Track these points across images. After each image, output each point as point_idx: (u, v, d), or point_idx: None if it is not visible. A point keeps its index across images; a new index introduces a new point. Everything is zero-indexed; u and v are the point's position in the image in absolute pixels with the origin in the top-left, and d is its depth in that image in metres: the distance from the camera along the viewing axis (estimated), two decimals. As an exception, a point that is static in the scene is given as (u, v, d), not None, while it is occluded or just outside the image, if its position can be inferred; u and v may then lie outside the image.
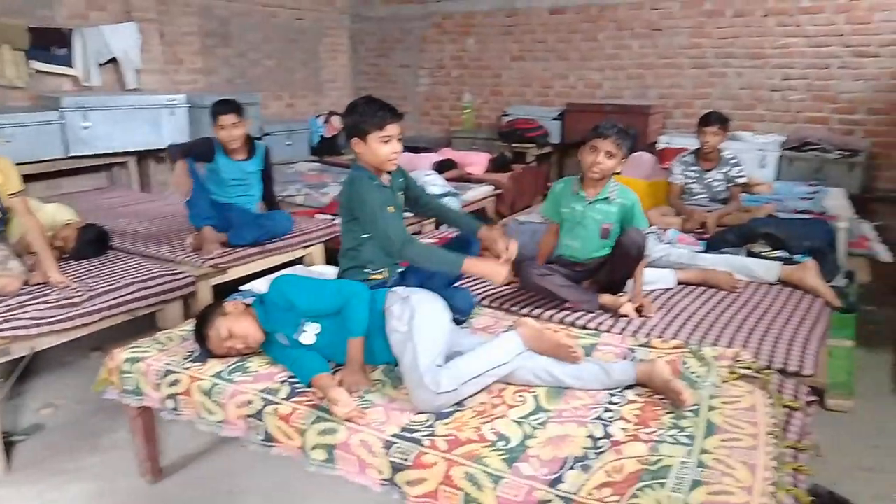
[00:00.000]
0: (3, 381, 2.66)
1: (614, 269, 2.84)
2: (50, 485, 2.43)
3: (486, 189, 5.51)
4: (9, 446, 2.59)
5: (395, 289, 2.26)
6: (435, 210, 2.72)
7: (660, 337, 2.51)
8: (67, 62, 5.27)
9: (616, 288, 2.88)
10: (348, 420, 1.87)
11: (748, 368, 2.19)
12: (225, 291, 2.97)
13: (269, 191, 3.80)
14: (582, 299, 2.80)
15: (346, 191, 2.41)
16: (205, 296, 3.27)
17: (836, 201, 4.55)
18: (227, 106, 3.39)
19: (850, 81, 5.58)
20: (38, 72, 5.11)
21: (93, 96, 5.09)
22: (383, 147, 2.31)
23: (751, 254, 3.42)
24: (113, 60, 5.55)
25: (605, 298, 2.81)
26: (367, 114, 2.30)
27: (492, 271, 2.32)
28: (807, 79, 5.75)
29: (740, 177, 4.18)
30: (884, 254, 3.70)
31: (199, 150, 3.45)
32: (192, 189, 3.37)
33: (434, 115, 7.77)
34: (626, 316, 2.71)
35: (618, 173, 2.84)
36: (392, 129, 2.31)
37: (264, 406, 1.98)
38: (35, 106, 5.00)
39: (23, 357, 2.56)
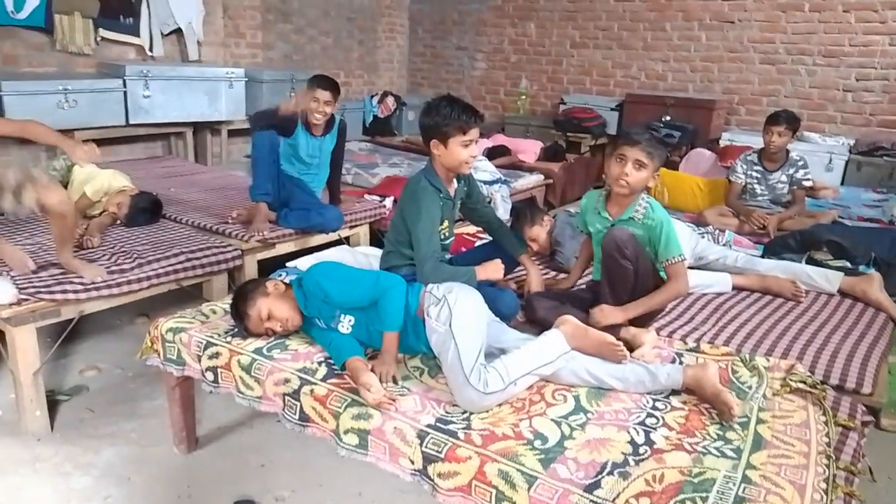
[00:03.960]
0: (51, 342, 2.72)
1: (607, 279, 2.41)
2: (86, 447, 2.48)
3: (536, 178, 5.42)
4: (53, 405, 2.66)
5: (429, 287, 2.18)
6: (486, 223, 2.74)
7: (710, 343, 2.41)
8: (134, 31, 5.35)
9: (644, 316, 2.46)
10: (377, 406, 1.85)
11: (802, 382, 2.09)
12: (270, 266, 2.99)
13: (335, 175, 3.80)
14: None
15: (408, 194, 2.41)
16: (250, 270, 3.29)
17: (906, 210, 4.32)
18: (327, 82, 3.44)
19: (933, 84, 5.29)
20: (105, 39, 5.20)
21: (155, 66, 5.16)
22: (463, 151, 2.28)
23: (811, 261, 3.27)
24: (176, 31, 5.63)
25: (628, 333, 2.37)
26: (450, 116, 2.24)
27: (492, 270, 2.43)
28: (886, 79, 5.46)
29: (806, 179, 4.00)
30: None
31: (282, 124, 3.46)
32: (260, 162, 3.39)
33: (488, 100, 7.67)
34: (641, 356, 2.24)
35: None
36: (475, 132, 2.27)
37: (301, 385, 1.97)
38: (99, 73, 5.10)
39: (71, 319, 2.61)
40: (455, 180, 2.47)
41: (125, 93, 4.87)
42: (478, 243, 3.23)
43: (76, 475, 2.32)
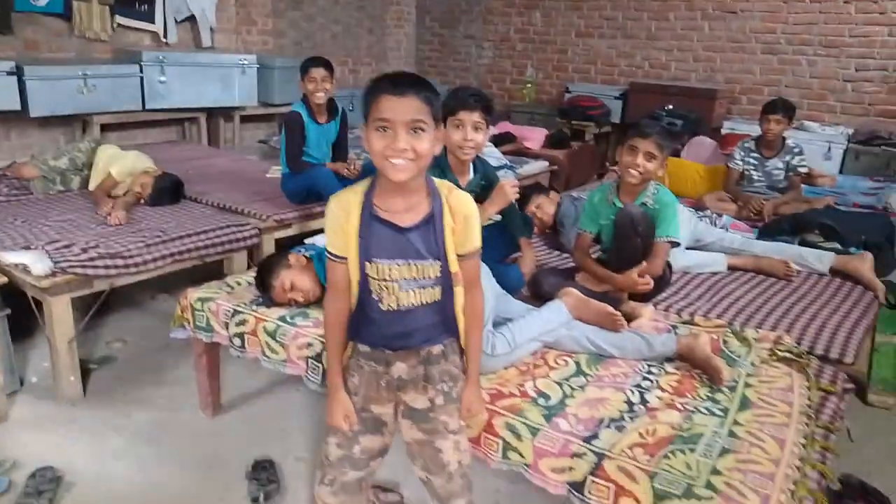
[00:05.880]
0: (80, 314, 2.87)
1: (616, 252, 2.56)
2: (118, 411, 2.65)
3: (541, 164, 5.56)
4: (84, 373, 2.82)
5: None
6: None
7: (704, 317, 2.56)
8: (149, 18, 5.48)
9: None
10: None
11: (788, 352, 2.24)
12: (287, 245, 3.13)
13: (342, 160, 3.88)
14: None
15: None
16: (269, 248, 3.44)
17: (901, 198, 4.44)
18: (318, 60, 3.54)
19: (932, 75, 5.39)
20: (121, 26, 5.33)
21: (170, 53, 5.30)
22: (455, 133, 2.31)
23: (804, 243, 3.41)
24: (190, 18, 5.76)
25: (627, 306, 2.50)
26: (447, 98, 2.30)
27: (500, 197, 2.46)
28: (885, 70, 5.56)
29: (802, 166, 4.14)
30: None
31: (296, 130, 3.57)
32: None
33: (495, 89, 7.79)
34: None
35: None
36: (464, 115, 2.28)
37: (323, 349, 2.13)
38: (116, 59, 5.24)
39: (102, 291, 2.77)
40: (472, 171, 2.49)
41: (142, 78, 5.01)
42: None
43: (110, 435, 2.49)
